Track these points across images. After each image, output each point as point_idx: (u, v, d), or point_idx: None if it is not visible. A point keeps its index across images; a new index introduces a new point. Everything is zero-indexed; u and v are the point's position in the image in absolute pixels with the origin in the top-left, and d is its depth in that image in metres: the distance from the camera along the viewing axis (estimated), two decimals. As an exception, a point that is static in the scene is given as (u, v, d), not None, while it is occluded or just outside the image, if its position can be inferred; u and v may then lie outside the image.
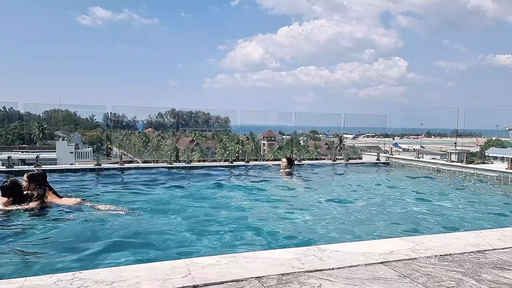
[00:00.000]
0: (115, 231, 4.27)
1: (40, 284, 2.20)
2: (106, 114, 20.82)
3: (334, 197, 6.82)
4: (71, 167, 9.46)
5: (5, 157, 10.71)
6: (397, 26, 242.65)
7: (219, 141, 49.18)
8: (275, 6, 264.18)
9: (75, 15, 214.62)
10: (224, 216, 5.14)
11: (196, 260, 2.63)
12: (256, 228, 4.59)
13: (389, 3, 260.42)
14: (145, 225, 4.60)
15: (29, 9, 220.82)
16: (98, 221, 4.66)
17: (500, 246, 3.09)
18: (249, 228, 4.62)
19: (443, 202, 6.73)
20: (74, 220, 4.72)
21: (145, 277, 2.30)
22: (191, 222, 4.80)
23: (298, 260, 2.65)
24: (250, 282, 2.28)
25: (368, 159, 12.63)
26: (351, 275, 2.43)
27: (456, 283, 2.36)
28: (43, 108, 49.40)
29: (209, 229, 4.45)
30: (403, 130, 40.62)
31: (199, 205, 5.85)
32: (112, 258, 3.47)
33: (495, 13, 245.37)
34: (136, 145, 52.56)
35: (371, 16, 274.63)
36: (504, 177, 8.48)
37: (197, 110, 65.67)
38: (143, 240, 4.03)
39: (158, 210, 5.39)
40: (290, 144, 26.07)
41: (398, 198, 7.10)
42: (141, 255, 3.61)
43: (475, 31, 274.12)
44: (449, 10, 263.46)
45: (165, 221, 4.85)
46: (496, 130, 36.43)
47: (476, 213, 6.05)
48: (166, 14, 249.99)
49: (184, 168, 9.48)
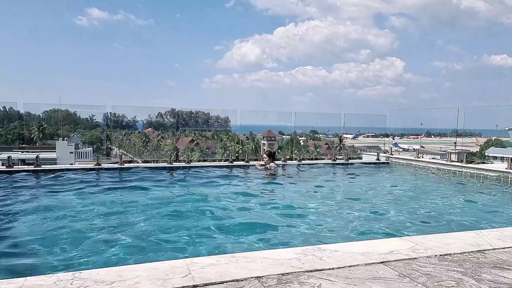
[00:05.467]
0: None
1: (40, 284, 2.20)
2: (106, 114, 20.81)
3: (333, 197, 6.83)
4: (71, 167, 9.46)
5: (5, 157, 10.69)
6: (392, 27, 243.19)
7: (219, 141, 49.15)
8: (270, 7, 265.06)
9: (71, 16, 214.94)
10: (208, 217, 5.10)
11: (196, 260, 2.63)
12: (256, 229, 4.60)
13: (382, 4, 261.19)
14: (144, 225, 4.61)
15: (27, 9, 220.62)
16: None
17: (500, 246, 3.09)
18: (246, 228, 4.63)
19: (443, 202, 6.74)
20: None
21: (145, 277, 2.30)
22: (188, 222, 4.80)
23: (298, 260, 2.65)
24: (250, 282, 2.28)
25: (368, 159, 12.63)
26: (351, 275, 2.43)
27: (456, 282, 2.36)
28: (43, 108, 49.41)
29: (202, 230, 4.44)
30: (403, 130, 40.61)
31: (177, 206, 5.79)
32: (112, 257, 3.47)
33: (488, 14, 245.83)
34: (136, 145, 52.50)
35: (364, 17, 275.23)
36: (504, 177, 8.48)
37: (197, 110, 65.66)
38: (143, 240, 4.03)
39: (159, 210, 5.39)
40: (290, 144, 26.06)
41: (398, 198, 7.10)
42: (141, 255, 3.61)
43: (469, 32, 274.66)
44: (442, 11, 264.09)
45: (165, 221, 4.86)
46: (496, 130, 36.46)
47: (476, 212, 6.05)
48: (161, 15, 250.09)
49: (184, 168, 9.48)
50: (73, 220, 4.81)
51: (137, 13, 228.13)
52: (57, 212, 5.22)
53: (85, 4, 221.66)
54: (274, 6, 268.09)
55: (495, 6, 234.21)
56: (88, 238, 4.06)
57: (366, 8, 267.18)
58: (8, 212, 5.20)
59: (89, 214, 5.11)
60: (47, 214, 5.09)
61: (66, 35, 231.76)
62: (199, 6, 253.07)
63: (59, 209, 5.38)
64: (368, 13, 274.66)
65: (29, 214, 5.10)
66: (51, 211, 5.27)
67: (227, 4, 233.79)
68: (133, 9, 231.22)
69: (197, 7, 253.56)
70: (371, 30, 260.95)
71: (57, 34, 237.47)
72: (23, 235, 4.26)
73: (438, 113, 20.51)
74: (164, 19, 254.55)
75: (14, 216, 5.01)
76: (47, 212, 5.20)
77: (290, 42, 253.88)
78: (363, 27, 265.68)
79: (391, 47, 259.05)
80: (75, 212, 5.20)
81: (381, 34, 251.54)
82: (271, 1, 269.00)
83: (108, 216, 5.06)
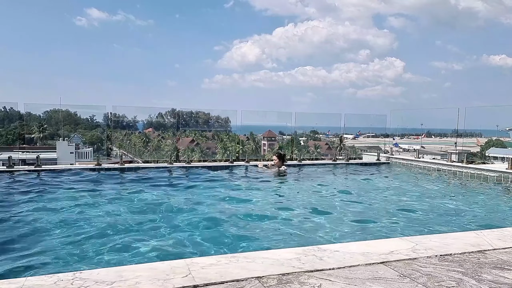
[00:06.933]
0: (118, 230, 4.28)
1: (40, 284, 2.20)
2: (106, 114, 20.83)
3: (332, 197, 6.82)
4: (72, 167, 9.46)
5: (6, 157, 10.70)
6: (391, 27, 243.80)
7: (219, 141, 49.16)
8: (269, 8, 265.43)
9: (71, 17, 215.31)
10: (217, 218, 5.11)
11: (196, 260, 2.63)
12: (255, 229, 4.60)
13: (381, 4, 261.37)
14: (144, 225, 4.61)
15: (27, 10, 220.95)
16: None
17: (500, 246, 3.08)
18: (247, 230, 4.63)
19: (443, 202, 6.73)
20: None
21: (145, 277, 2.30)
22: (187, 222, 4.81)
23: (298, 260, 2.65)
24: (250, 282, 2.28)
25: (368, 159, 12.62)
26: (351, 275, 2.43)
27: (456, 283, 2.35)
28: (44, 108, 49.46)
29: (203, 231, 4.44)
30: (403, 130, 40.67)
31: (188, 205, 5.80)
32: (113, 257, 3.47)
33: (487, 14, 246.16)
34: (136, 145, 52.52)
35: (363, 17, 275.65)
36: (504, 177, 8.47)
37: (197, 110, 65.66)
38: (143, 240, 4.03)
39: (159, 211, 5.40)
40: (290, 144, 26.07)
41: (398, 198, 7.09)
42: (141, 255, 3.61)
43: (468, 32, 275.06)
44: (441, 12, 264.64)
45: (165, 220, 4.86)
46: (496, 130, 36.46)
47: (476, 213, 6.05)
48: (161, 16, 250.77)
49: (184, 168, 9.48)
50: (73, 219, 4.81)
51: (136, 13, 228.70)
52: (57, 212, 5.23)
53: (85, 4, 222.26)
54: (273, 6, 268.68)
55: (494, 6, 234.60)
56: (87, 238, 4.07)
57: (364, 9, 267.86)
58: (7, 212, 5.21)
59: (89, 214, 5.11)
60: (47, 214, 5.10)
61: (66, 36, 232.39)
62: (198, 6, 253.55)
63: (59, 208, 5.39)
64: (367, 14, 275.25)
65: (28, 214, 5.11)
66: (51, 210, 5.28)
67: (226, 5, 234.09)
68: (133, 10, 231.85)
69: (196, 8, 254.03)
70: (370, 31, 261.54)
71: (57, 34, 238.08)
72: (23, 235, 4.27)
73: (438, 113, 20.47)
74: (163, 19, 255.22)
75: (12, 216, 5.01)
76: (47, 212, 5.21)
77: (289, 42, 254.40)
78: (362, 28, 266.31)
79: (390, 47, 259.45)
80: (75, 212, 5.21)
81: (380, 35, 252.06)
82: (270, 1, 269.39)
83: (108, 215, 5.06)
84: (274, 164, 9.55)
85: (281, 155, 9.88)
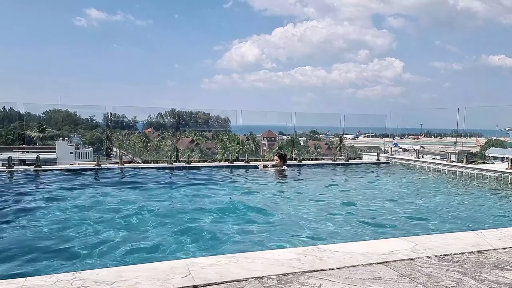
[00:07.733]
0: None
1: (40, 284, 2.20)
2: (106, 114, 20.82)
3: (333, 198, 6.82)
4: (71, 167, 9.46)
5: (5, 157, 10.69)
6: (390, 28, 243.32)
7: (219, 141, 49.14)
8: (268, 8, 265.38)
9: (70, 17, 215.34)
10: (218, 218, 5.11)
11: (196, 260, 2.63)
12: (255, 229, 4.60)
13: (380, 5, 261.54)
14: (143, 225, 4.61)
15: (27, 10, 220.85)
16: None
17: (500, 246, 3.09)
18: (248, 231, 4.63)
19: (443, 202, 6.74)
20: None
21: (145, 277, 2.30)
22: (186, 222, 4.81)
23: (298, 260, 2.65)
24: (250, 282, 2.28)
25: (368, 159, 12.62)
26: (351, 275, 2.43)
27: (456, 283, 2.36)
28: (43, 109, 49.39)
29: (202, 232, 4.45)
30: (403, 130, 40.65)
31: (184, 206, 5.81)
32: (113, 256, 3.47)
33: (486, 14, 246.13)
34: (136, 145, 52.48)
35: (362, 17, 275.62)
36: (504, 177, 8.47)
37: (197, 110, 65.60)
38: (143, 240, 4.04)
39: (159, 210, 5.39)
40: (290, 144, 26.07)
41: (398, 198, 7.09)
42: (141, 255, 3.61)
43: (468, 32, 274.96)
44: (440, 12, 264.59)
45: (165, 221, 4.86)
46: (496, 130, 36.42)
47: (476, 213, 6.05)
48: (160, 16, 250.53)
49: (184, 168, 9.48)
50: (73, 219, 4.81)
51: (135, 13, 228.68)
52: (57, 212, 5.23)
53: (83, 4, 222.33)
54: (272, 6, 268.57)
55: (493, 6, 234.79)
56: (87, 238, 4.07)
57: (364, 9, 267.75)
58: (6, 212, 5.21)
59: (88, 214, 5.11)
60: (46, 213, 5.10)
61: (66, 36, 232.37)
62: (198, 6, 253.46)
63: (58, 208, 5.39)
64: (366, 14, 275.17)
65: (28, 213, 5.10)
66: (50, 211, 5.27)
67: (225, 5, 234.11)
68: (132, 10, 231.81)
69: (195, 8, 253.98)
70: (369, 31, 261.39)
71: (56, 34, 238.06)
72: (23, 235, 4.27)
73: (438, 113, 20.47)
74: (162, 19, 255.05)
75: (11, 217, 5.01)
76: (47, 211, 5.21)
77: (288, 42, 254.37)
78: (361, 28, 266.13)
79: (389, 48, 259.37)
80: (75, 212, 5.21)
81: (379, 35, 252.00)
82: (269, 1, 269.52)
83: (108, 216, 5.06)
84: (275, 164, 9.57)
85: (282, 155, 9.92)
